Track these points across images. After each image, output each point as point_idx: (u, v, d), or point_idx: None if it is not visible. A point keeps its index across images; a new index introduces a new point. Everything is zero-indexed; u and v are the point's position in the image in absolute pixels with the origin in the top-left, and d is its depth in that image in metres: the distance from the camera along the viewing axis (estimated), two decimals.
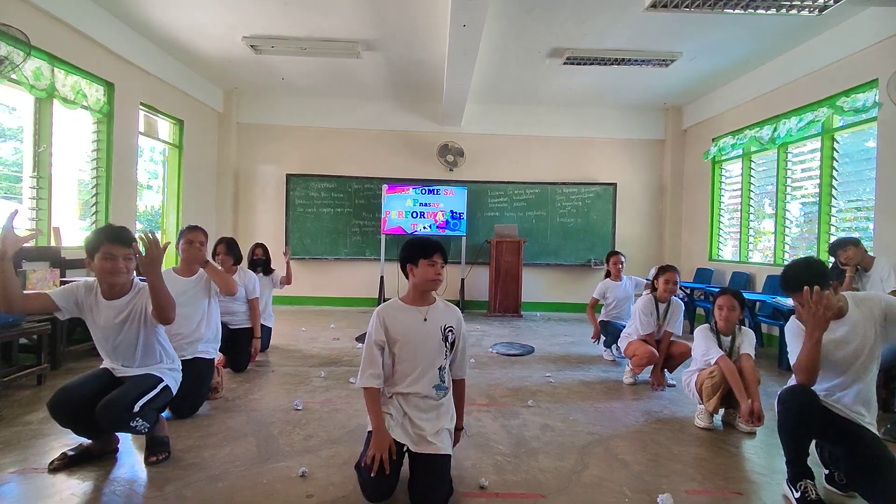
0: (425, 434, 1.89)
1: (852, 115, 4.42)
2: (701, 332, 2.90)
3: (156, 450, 2.20)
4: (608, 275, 4.62)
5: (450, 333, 2.02)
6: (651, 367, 3.57)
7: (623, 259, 4.59)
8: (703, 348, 2.83)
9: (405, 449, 1.89)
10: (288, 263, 4.74)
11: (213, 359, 2.99)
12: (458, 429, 2.10)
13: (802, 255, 2.69)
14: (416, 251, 2.00)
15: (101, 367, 2.28)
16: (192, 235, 2.99)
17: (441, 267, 2.00)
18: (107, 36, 4.71)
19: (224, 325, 3.76)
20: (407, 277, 2.06)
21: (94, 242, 2.10)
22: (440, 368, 1.99)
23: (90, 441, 2.20)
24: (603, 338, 4.49)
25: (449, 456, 1.92)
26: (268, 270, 4.56)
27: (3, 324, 3.05)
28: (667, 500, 1.89)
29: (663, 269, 3.70)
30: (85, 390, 2.12)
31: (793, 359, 2.04)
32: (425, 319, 1.99)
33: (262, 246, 4.70)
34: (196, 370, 2.75)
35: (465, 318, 2.15)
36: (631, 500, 1.95)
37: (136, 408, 2.08)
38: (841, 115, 4.60)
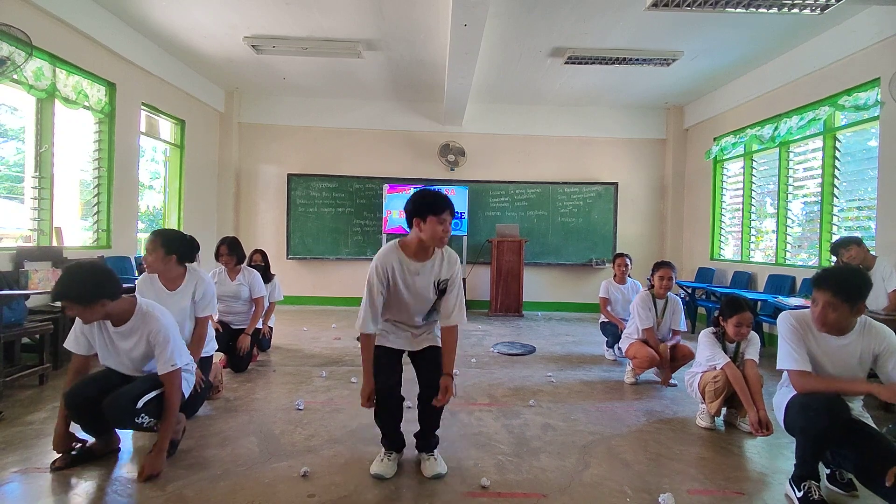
0: (418, 333, 2.16)
1: (854, 111, 4.41)
2: (706, 336, 2.87)
3: None
4: (616, 275, 4.63)
5: (443, 285, 2.11)
6: (652, 367, 3.57)
7: (629, 262, 4.58)
8: (709, 354, 2.81)
9: (406, 352, 2.15)
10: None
11: (211, 356, 2.97)
12: (448, 374, 2.07)
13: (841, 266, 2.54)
14: (426, 207, 1.97)
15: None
16: (152, 245, 2.61)
17: (449, 224, 2.03)
18: (108, 36, 4.71)
19: (225, 324, 3.77)
20: (410, 229, 2.03)
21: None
22: (429, 312, 2.19)
23: (93, 440, 2.21)
24: (605, 337, 4.50)
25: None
26: (267, 277, 4.27)
27: (5, 323, 3.06)
28: (668, 499, 1.89)
29: (658, 266, 3.72)
30: (96, 386, 2.14)
31: (786, 360, 1.99)
32: (418, 274, 2.06)
33: (260, 252, 4.63)
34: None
35: (466, 318, 2.16)
36: (632, 500, 1.95)
37: (140, 403, 2.08)
38: (842, 112, 4.58)
